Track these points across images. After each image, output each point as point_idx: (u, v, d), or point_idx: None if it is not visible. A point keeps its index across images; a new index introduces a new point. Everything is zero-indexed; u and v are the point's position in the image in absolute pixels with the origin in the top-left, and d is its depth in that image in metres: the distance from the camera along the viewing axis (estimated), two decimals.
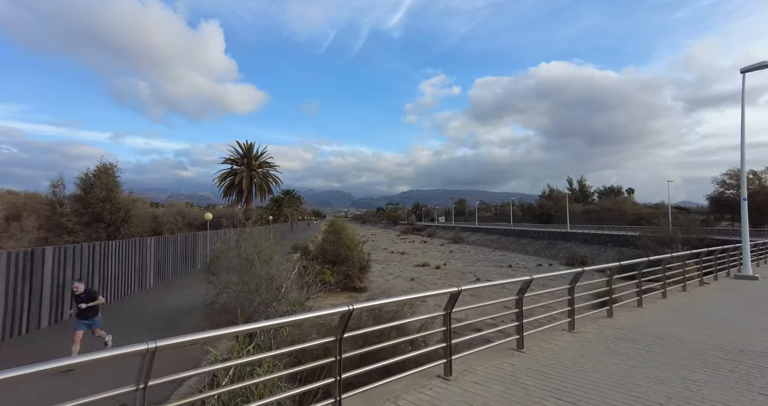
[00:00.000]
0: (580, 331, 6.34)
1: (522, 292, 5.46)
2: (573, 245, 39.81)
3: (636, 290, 7.98)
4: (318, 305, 19.59)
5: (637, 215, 48.83)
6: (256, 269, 6.58)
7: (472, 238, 66.10)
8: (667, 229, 27.52)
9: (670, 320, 6.84)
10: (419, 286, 24.25)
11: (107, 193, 12.32)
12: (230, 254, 7.77)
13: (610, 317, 7.09)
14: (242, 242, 7.49)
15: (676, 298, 8.91)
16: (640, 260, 8.12)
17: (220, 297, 6.67)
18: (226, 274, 7.25)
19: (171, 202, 49.23)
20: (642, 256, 26.84)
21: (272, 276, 6.66)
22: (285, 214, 48.01)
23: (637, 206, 59.57)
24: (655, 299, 8.66)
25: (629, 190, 75.93)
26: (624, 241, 34.05)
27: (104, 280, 8.51)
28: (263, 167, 28.88)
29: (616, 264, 7.43)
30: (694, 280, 10.50)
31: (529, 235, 52.00)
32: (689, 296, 9.25)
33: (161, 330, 6.74)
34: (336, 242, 22.35)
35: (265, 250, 7.11)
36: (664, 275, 8.82)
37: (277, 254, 7.28)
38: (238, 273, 6.98)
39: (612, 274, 7.44)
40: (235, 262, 7.34)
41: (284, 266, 7.69)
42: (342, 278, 21.65)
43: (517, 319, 5.54)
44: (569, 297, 6.54)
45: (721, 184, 29.39)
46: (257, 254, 6.88)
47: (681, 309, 7.79)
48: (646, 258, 7.66)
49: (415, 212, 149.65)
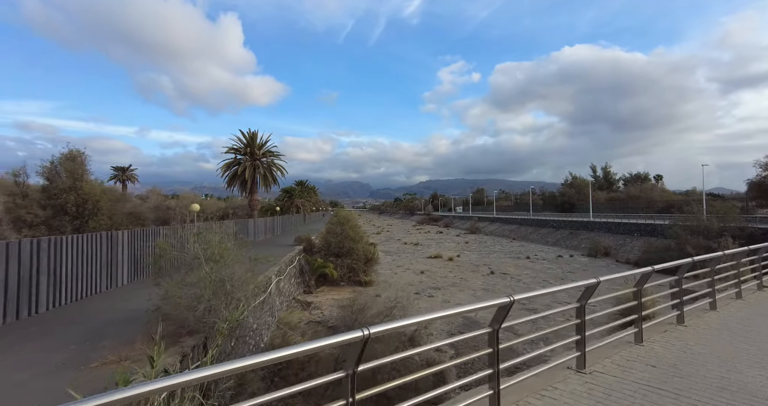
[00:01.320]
0: (649, 341, 5.04)
1: (585, 298, 4.39)
2: (596, 235, 37.61)
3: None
4: (319, 301, 18.75)
5: (666, 202, 45.83)
6: (202, 271, 5.52)
7: (490, 228, 64.14)
8: (700, 217, 25.19)
9: (732, 349, 4.88)
10: (429, 279, 23.05)
11: (72, 183, 11.54)
12: (177, 251, 6.76)
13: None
14: (193, 237, 6.45)
15: (729, 310, 6.86)
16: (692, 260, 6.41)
17: (166, 303, 5.64)
18: (175, 275, 6.23)
19: (184, 194, 49.45)
20: (672, 247, 24.75)
21: (224, 279, 5.57)
22: (297, 205, 47.39)
23: (666, 193, 56.12)
24: (701, 312, 6.62)
25: (657, 177, 71.81)
26: (652, 230, 31.74)
27: (55, 280, 7.66)
28: (267, 157, 27.95)
29: (688, 260, 5.63)
30: (749, 283, 8.37)
31: (550, 224, 49.78)
32: (747, 306, 7.17)
33: (81, 344, 5.79)
34: (340, 233, 21.33)
35: (215, 247, 6.02)
36: (713, 279, 6.66)
37: (230, 251, 6.14)
38: (185, 274, 5.94)
39: (682, 273, 5.70)
40: (193, 261, 6.28)
41: (244, 267, 6.56)
42: (346, 272, 20.67)
43: (577, 332, 4.42)
44: (634, 302, 5.19)
45: (765, 167, 26.64)
46: (204, 253, 5.82)
47: (742, 329, 5.74)
48: (690, 259, 5.67)
49: (432, 202, 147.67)
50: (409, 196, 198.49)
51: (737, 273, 7.62)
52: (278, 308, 13.58)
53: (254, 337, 9.17)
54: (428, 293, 19.45)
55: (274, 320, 12.58)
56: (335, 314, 15.74)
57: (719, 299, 6.98)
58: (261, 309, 10.40)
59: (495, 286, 21.13)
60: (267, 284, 11.36)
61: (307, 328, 13.53)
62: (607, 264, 28.80)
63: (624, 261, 29.04)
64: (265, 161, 27.97)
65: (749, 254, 7.59)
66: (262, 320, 10.64)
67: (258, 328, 9.91)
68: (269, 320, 11.85)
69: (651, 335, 5.32)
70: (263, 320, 10.60)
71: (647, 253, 26.32)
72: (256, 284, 6.80)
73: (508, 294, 3.42)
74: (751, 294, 8.08)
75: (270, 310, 12.05)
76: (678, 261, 5.47)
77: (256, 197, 27.85)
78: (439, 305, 17.18)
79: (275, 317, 12.87)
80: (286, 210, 44.13)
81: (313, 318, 14.65)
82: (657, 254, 25.08)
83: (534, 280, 22.82)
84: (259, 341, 10.14)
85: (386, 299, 16.32)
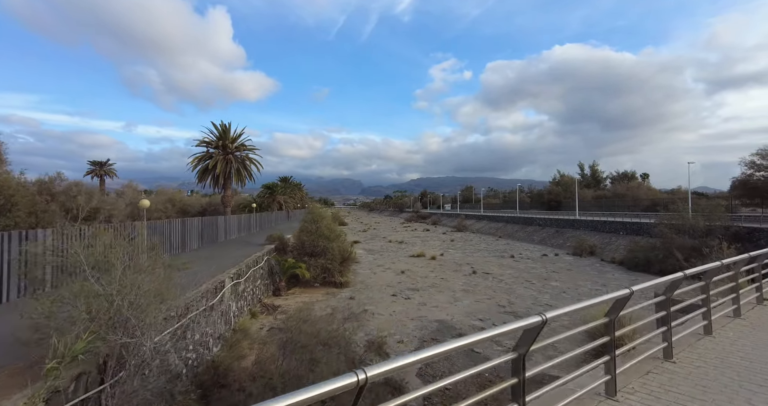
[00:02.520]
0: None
1: (615, 312, 3.85)
2: (582, 234, 37.14)
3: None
4: (288, 304, 17.64)
5: (651, 200, 45.69)
6: (75, 285, 4.40)
7: (477, 226, 63.59)
8: (686, 216, 24.71)
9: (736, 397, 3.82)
10: (408, 280, 22.11)
11: None
12: (57, 256, 5.62)
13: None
14: (79, 241, 5.34)
15: (728, 334, 5.65)
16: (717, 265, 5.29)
17: (42, 322, 4.51)
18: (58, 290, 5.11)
19: (161, 189, 47.70)
20: (658, 246, 24.20)
21: (112, 294, 4.46)
22: (279, 201, 46.04)
23: (652, 192, 56.17)
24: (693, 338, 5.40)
25: (644, 176, 72.05)
26: (638, 229, 31.31)
27: None
28: (241, 150, 26.62)
29: (678, 275, 4.45)
30: (747, 296, 7.16)
31: (536, 222, 49.31)
32: (748, 327, 5.95)
33: None
34: (314, 231, 20.22)
35: (101, 252, 4.87)
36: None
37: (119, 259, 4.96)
38: (62, 287, 4.82)
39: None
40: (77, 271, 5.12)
41: (155, 277, 5.42)
42: (320, 272, 19.60)
43: (606, 351, 3.77)
44: (663, 313, 4.37)
45: (750, 165, 26.30)
46: (86, 259, 4.70)
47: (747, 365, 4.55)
48: (681, 273, 4.49)
49: (421, 199, 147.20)
50: (399, 194, 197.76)
51: (735, 285, 6.36)
52: (237, 314, 12.47)
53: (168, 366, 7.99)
54: (405, 294, 18.51)
55: (228, 327, 11.48)
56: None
57: (715, 320, 5.76)
58: (206, 318, 9.30)
59: (476, 287, 20.29)
60: (216, 290, 10.24)
61: (267, 336, 12.47)
62: (591, 263, 28.24)
63: (609, 260, 28.52)
64: (238, 155, 26.63)
65: (749, 262, 6.42)
66: (211, 329, 9.55)
67: (200, 341, 8.81)
68: (222, 328, 10.75)
69: (629, 380, 4.10)
70: (214, 330, 9.52)
71: (632, 252, 25.80)
72: (173, 298, 5.67)
73: (539, 312, 2.90)
74: (751, 310, 6.93)
75: (223, 317, 10.94)
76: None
77: (229, 193, 26.53)
78: (415, 308, 16.24)
79: (231, 324, 11.76)
80: (266, 207, 42.77)
81: (277, 324, 13.58)
82: (642, 253, 24.57)
83: (516, 280, 22.05)
84: (204, 354, 9.05)
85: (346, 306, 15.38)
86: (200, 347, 8.91)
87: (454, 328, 13.69)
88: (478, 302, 17.29)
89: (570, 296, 18.30)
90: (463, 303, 17.03)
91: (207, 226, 20.22)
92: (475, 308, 16.22)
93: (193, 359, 8.34)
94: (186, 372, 7.84)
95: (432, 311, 15.72)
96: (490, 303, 17.08)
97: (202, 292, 9.22)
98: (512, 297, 18.07)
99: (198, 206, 40.05)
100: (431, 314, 15.41)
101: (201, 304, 9.07)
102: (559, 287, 20.29)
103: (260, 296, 16.21)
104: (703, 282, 5.50)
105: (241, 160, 26.52)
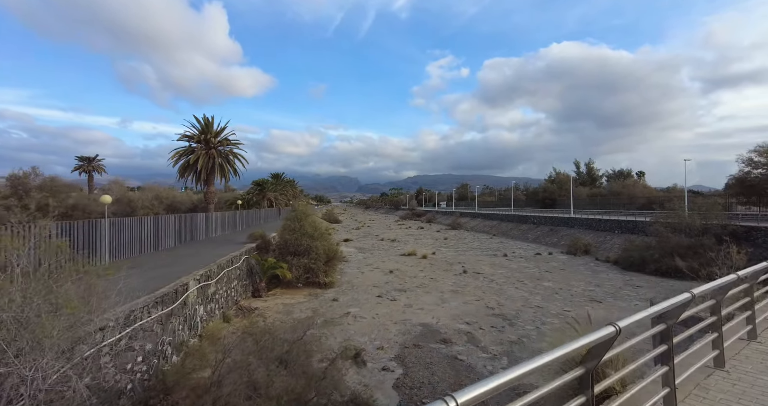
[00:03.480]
0: (734, 364, 3.60)
1: (674, 317, 3.36)
2: (576, 232, 36.54)
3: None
4: (266, 306, 16.84)
5: (647, 198, 45.17)
6: None
7: (471, 224, 62.96)
8: (682, 214, 24.09)
9: None
10: (396, 280, 21.37)
11: None
12: None
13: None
14: None
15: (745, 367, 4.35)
16: None
17: None
18: None
19: (147, 185, 46.70)
20: (653, 245, 23.54)
21: None
22: (269, 198, 45.13)
23: (648, 190, 55.73)
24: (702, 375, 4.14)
25: (639, 174, 71.65)
26: (633, 227, 30.73)
27: None
28: (225, 145, 25.67)
29: (685, 296, 3.35)
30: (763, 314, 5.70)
31: (530, 220, 48.70)
32: None
33: None
34: (297, 230, 19.41)
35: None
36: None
37: None
38: None
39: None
40: None
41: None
42: (303, 273, 18.81)
43: (663, 361, 3.34)
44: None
45: (748, 162, 25.71)
46: None
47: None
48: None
49: (417, 197, 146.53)
50: (395, 191, 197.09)
51: (750, 301, 5.01)
52: (205, 318, 11.66)
53: None
54: (392, 295, 17.77)
55: (194, 333, 10.68)
56: (278, 323, 13.96)
57: (727, 347, 4.42)
58: (162, 326, 8.48)
59: (465, 287, 19.57)
60: (177, 293, 9.42)
61: (237, 340, 11.67)
62: (585, 262, 27.62)
63: (604, 259, 27.90)
64: (222, 150, 25.67)
65: (766, 271, 5.15)
66: (170, 337, 8.74)
67: (153, 351, 8.00)
68: (185, 335, 9.95)
69: None
70: (174, 337, 8.71)
71: (627, 251, 25.18)
72: (94, 309, 4.86)
73: (612, 322, 2.59)
74: (766, 330, 5.54)
75: (187, 323, 10.14)
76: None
77: (212, 189, 25.61)
78: (401, 310, 15.49)
79: (198, 329, 10.96)
80: (255, 204, 41.84)
81: (249, 329, 12.77)
82: (637, 252, 23.95)
83: (508, 280, 21.36)
84: (161, 365, 8.25)
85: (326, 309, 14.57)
86: (155, 357, 8.11)
87: (438, 332, 12.95)
88: (466, 303, 16.57)
89: (562, 296, 17.62)
90: (451, 305, 16.31)
91: (185, 223, 19.36)
92: (462, 310, 15.50)
93: (143, 372, 7.53)
94: (132, 388, 7.05)
95: (417, 314, 14.98)
96: (478, 305, 16.36)
97: (157, 297, 8.40)
98: (502, 298, 17.37)
99: (189, 203, 39.09)
100: (416, 316, 14.67)
101: (157, 310, 8.26)
102: (551, 287, 19.61)
103: (237, 298, 15.40)
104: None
105: (224, 155, 25.58)
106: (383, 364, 10.42)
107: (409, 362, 10.58)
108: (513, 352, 11.37)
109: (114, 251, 12.74)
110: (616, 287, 19.52)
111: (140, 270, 11.27)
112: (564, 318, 14.45)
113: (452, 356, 11.05)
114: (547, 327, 13.45)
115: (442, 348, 11.56)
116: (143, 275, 10.85)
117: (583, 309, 15.66)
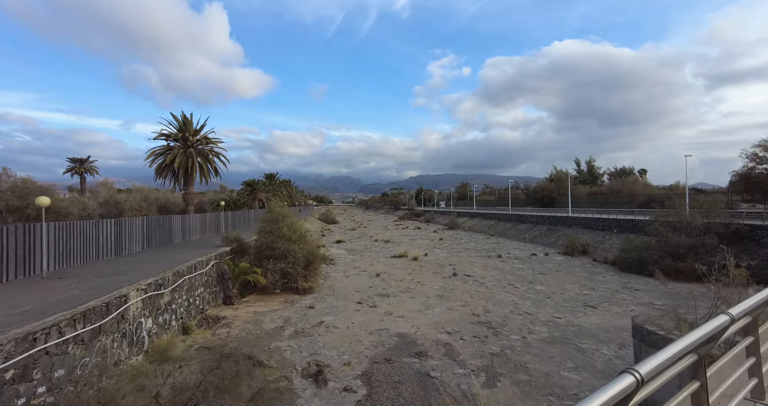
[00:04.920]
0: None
1: (705, 345, 2.28)
2: (574, 231, 35.37)
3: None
4: (235, 315, 15.75)
5: (648, 196, 43.92)
6: None
7: (469, 223, 61.82)
8: (683, 212, 22.92)
9: None
10: (382, 284, 20.30)
11: None
12: None
13: None
14: None
15: None
16: None
17: None
18: None
19: (135, 186, 45.80)
20: (652, 245, 22.31)
21: None
22: (260, 199, 44.15)
23: (649, 187, 54.45)
24: None
25: (641, 171, 70.30)
26: (632, 226, 29.57)
27: None
28: (204, 143, 24.65)
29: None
30: None
31: (528, 220, 47.53)
32: None
33: None
34: (273, 232, 18.38)
35: None
36: (758, 344, 3.23)
37: None
38: None
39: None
40: None
41: None
42: (280, 278, 17.77)
43: (693, 402, 2.42)
44: (750, 340, 2.39)
45: (752, 158, 24.49)
46: None
47: None
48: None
49: (417, 197, 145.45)
50: (396, 191, 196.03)
51: None
52: (155, 332, 10.62)
53: None
54: (373, 301, 16.70)
55: (139, 350, 9.64)
56: (243, 334, 12.90)
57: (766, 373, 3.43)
58: (84, 346, 7.45)
59: (453, 291, 18.49)
60: (108, 307, 8.38)
61: (194, 355, 10.63)
62: (582, 263, 26.47)
63: (602, 260, 26.76)
64: (201, 149, 24.65)
65: None
66: (96, 358, 7.70)
67: (67, 378, 6.96)
68: (123, 353, 8.91)
69: None
70: (104, 358, 7.67)
71: (625, 251, 24.02)
72: None
73: (630, 368, 1.69)
74: None
75: (126, 339, 9.10)
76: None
77: (192, 190, 24.61)
78: (379, 318, 14.41)
79: (144, 345, 9.93)
80: (243, 205, 40.85)
81: (209, 342, 11.74)
82: (636, 252, 22.80)
83: (499, 283, 20.26)
84: (83, 392, 7.21)
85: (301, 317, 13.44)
86: (69, 385, 7.07)
87: (414, 344, 11.86)
88: (450, 310, 15.49)
89: (554, 301, 16.52)
90: (434, 311, 15.23)
91: (156, 226, 18.34)
92: (445, 318, 14.42)
93: (49, 403, 6.49)
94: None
95: (396, 322, 13.91)
96: (463, 311, 15.27)
97: (76, 313, 7.37)
98: (490, 304, 16.27)
99: (181, 204, 38.24)
100: (395, 325, 13.60)
101: (75, 328, 7.23)
102: (543, 291, 18.51)
103: (203, 307, 14.37)
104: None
105: (204, 154, 24.56)
106: (346, 383, 9.35)
107: (375, 381, 9.50)
108: (493, 366, 10.27)
109: (60, 258, 11.73)
110: (613, 291, 18.39)
111: (80, 280, 10.25)
112: (554, 326, 13.39)
113: (425, 372, 9.97)
114: (534, 337, 12.36)
115: (415, 363, 10.49)
116: (81, 286, 9.84)
117: (576, 316, 14.58)
